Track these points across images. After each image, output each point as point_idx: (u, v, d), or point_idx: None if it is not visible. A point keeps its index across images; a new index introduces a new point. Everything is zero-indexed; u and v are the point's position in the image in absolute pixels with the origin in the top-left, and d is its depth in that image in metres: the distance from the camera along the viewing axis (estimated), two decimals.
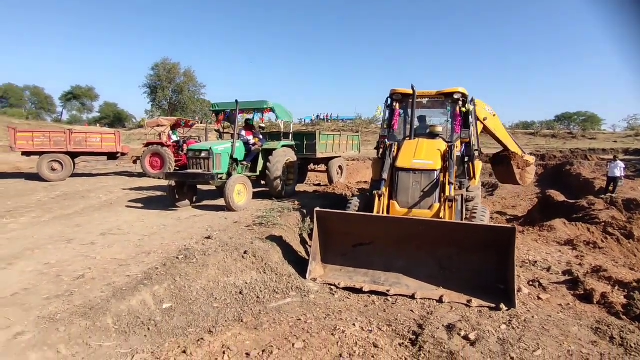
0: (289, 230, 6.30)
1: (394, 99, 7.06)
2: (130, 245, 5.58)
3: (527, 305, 4.27)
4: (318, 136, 11.30)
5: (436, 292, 4.52)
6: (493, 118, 8.69)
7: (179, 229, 6.46)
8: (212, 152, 7.93)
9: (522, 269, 5.44)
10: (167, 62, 56.66)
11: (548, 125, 45.50)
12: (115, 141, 14.07)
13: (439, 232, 4.85)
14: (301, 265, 5.23)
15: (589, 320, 3.91)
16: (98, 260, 4.94)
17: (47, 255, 5.14)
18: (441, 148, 6.10)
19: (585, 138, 36.83)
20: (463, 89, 6.69)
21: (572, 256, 6.21)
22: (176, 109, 56.30)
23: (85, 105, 71.22)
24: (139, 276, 4.29)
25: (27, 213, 7.84)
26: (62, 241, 5.83)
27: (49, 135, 13.19)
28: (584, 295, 4.55)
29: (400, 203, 5.62)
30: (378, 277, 4.92)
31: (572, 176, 19.21)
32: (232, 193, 7.65)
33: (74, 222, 7.09)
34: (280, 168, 8.93)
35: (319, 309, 4.12)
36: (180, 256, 4.81)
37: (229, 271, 4.68)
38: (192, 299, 4.10)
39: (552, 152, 26.57)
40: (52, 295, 3.87)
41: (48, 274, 4.44)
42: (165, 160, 13.93)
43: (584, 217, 9.57)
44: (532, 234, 7.69)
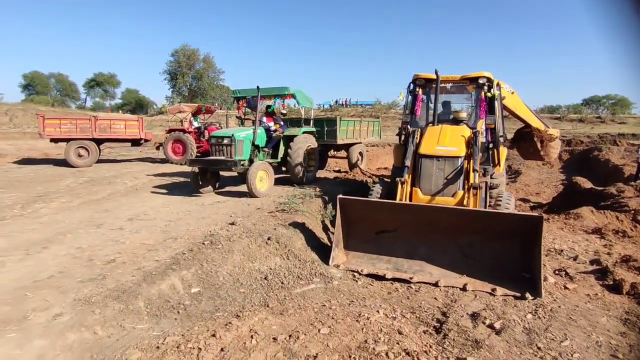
0: (310, 217, 6.34)
1: (417, 84, 6.93)
2: (157, 231, 5.73)
3: (553, 294, 4.21)
4: (339, 122, 11.24)
5: (460, 280, 4.50)
6: (512, 96, 8.42)
7: (204, 215, 6.59)
8: (234, 139, 8.00)
9: (548, 258, 5.35)
10: (187, 48, 56.93)
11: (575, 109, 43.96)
12: (139, 128, 14.32)
13: (463, 219, 4.80)
14: (324, 251, 5.28)
15: (618, 311, 3.84)
16: (127, 245, 5.11)
17: (78, 240, 5.34)
18: (465, 134, 5.99)
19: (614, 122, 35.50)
20: (488, 73, 6.51)
21: (600, 245, 6.07)
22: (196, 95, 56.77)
23: (107, 92, 72.58)
24: (167, 261, 4.42)
25: (57, 198, 8.13)
26: (92, 226, 6.04)
27: (76, 123, 13.55)
28: (612, 285, 4.44)
29: (423, 190, 5.58)
30: (401, 264, 4.93)
31: (600, 162, 18.59)
32: (254, 180, 7.73)
33: (102, 207, 7.32)
34: (302, 154, 8.94)
35: (342, 295, 4.17)
36: (206, 242, 4.92)
37: (254, 257, 4.77)
38: (219, 283, 4.20)
39: (578, 137, 25.73)
40: (86, 278, 4.03)
41: (80, 258, 4.62)
42: (187, 147, 14.14)
43: (613, 204, 9.28)
44: (558, 222, 7.53)
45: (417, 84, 6.92)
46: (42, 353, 2.85)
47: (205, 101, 52.37)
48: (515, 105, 8.87)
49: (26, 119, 32.46)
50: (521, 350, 3.09)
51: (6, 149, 19.03)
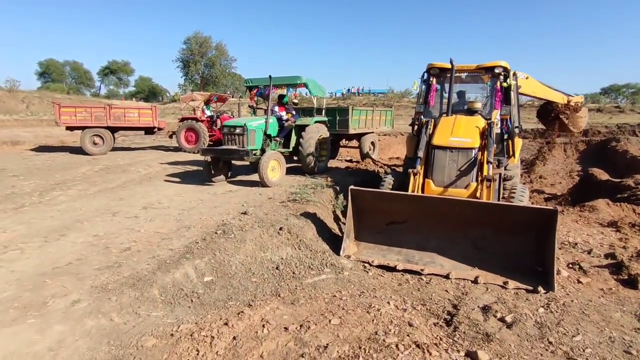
0: (322, 207, 6.36)
1: (431, 74, 6.82)
2: (171, 219, 5.82)
3: (566, 288, 4.17)
4: (351, 112, 11.17)
5: (471, 273, 4.49)
6: (527, 81, 8.24)
7: (216, 204, 6.66)
8: (246, 128, 8.03)
9: (561, 251, 5.29)
10: (199, 36, 57.01)
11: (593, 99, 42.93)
12: (152, 116, 14.44)
13: (475, 212, 4.77)
14: (335, 242, 5.31)
15: (633, 306, 3.79)
16: (142, 233, 5.20)
17: (95, 227, 5.46)
18: (480, 125, 5.90)
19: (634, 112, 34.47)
20: (505, 63, 6.37)
21: (616, 238, 5.97)
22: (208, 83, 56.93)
23: (121, 80, 73.30)
24: (181, 250, 4.49)
25: (74, 186, 8.29)
26: (107, 214, 6.16)
27: (90, 111, 13.71)
28: (627, 280, 4.38)
29: (436, 182, 5.53)
30: (412, 255, 4.93)
31: (618, 153, 18.15)
32: (266, 169, 7.77)
33: (118, 196, 7.45)
34: (313, 144, 8.94)
35: (353, 286, 4.19)
36: (218, 231, 4.99)
37: (266, 247, 4.82)
38: (232, 273, 4.27)
39: (596, 127, 25.11)
40: (103, 266, 4.13)
41: (97, 246, 4.73)
42: (199, 135, 14.24)
43: (630, 197, 9.09)
44: (572, 214, 7.42)
45: (432, 73, 6.81)
46: (62, 338, 2.95)
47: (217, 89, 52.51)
48: (533, 89, 8.69)
49: (42, 107, 32.98)
50: (532, 344, 3.09)
51: (24, 136, 19.40)
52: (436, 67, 6.71)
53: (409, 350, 2.88)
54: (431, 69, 6.77)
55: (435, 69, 6.74)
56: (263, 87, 9.28)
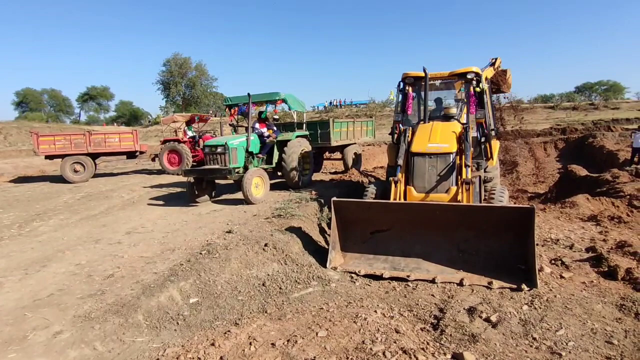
0: (307, 221, 6.38)
1: (407, 83, 6.97)
2: (155, 243, 5.76)
3: (549, 284, 4.25)
4: (332, 124, 11.28)
5: (456, 276, 4.53)
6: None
7: (200, 225, 6.62)
8: (227, 147, 8.04)
9: (544, 248, 5.40)
10: (178, 57, 56.97)
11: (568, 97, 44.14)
12: (133, 140, 14.33)
13: (456, 215, 4.85)
14: (321, 254, 5.31)
15: (613, 297, 3.88)
16: (126, 258, 5.13)
17: (77, 256, 5.36)
18: (456, 130, 6.03)
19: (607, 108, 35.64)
20: (476, 68, 6.55)
21: (596, 232, 6.12)
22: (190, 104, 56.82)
23: (101, 105, 72.70)
24: (166, 273, 4.45)
25: (55, 215, 8.15)
26: (90, 241, 6.07)
27: (70, 138, 13.53)
28: (607, 271, 4.49)
29: (417, 188, 5.61)
30: (398, 262, 4.97)
31: (595, 149, 18.68)
32: (249, 186, 7.77)
33: (100, 222, 7.35)
34: (296, 159, 8.98)
35: (340, 297, 4.20)
36: (203, 251, 4.95)
37: (251, 264, 4.80)
38: (217, 292, 4.23)
39: (573, 125, 25.82)
40: (86, 294, 4.06)
41: (80, 274, 4.65)
42: (182, 157, 14.16)
43: (608, 190, 9.34)
44: (554, 211, 7.58)
45: (407, 82, 6.96)
46: None
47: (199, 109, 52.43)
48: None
49: (21, 137, 32.43)
50: (517, 341, 3.13)
51: (3, 167, 19.03)
52: (411, 76, 6.86)
53: (396, 356, 2.89)
54: (406, 78, 6.91)
55: (410, 78, 6.89)
56: (243, 105, 9.33)
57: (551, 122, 30.09)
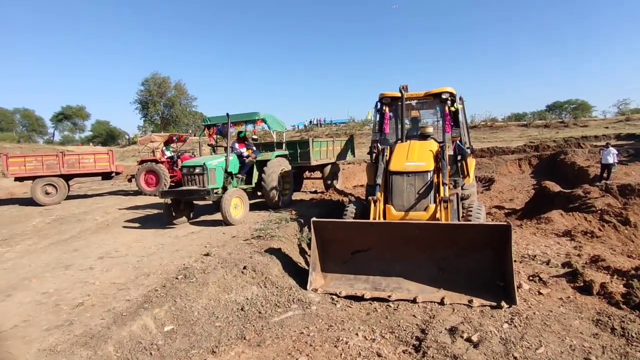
0: (287, 242, 6.29)
1: (384, 103, 7.08)
2: (129, 268, 5.55)
3: (528, 301, 4.27)
4: (311, 144, 11.32)
5: (437, 294, 4.52)
6: None
7: (177, 248, 6.44)
8: (206, 168, 7.93)
9: (522, 264, 5.46)
10: (157, 77, 56.73)
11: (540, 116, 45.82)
12: (109, 160, 14.01)
13: (435, 234, 4.87)
14: (301, 276, 5.22)
15: (590, 313, 3.93)
16: (97, 285, 4.92)
17: (45, 284, 5.11)
18: (433, 149, 6.13)
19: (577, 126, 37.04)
20: (451, 89, 6.72)
21: (571, 247, 6.24)
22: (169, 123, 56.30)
23: (77, 125, 71.11)
24: (139, 300, 4.27)
25: (23, 240, 7.81)
26: (59, 268, 5.81)
27: (41, 159, 13.12)
28: (583, 287, 4.56)
29: (396, 207, 5.63)
30: (379, 282, 4.92)
31: (567, 165, 19.31)
32: (228, 207, 7.64)
33: (71, 247, 7.06)
34: (276, 178, 8.93)
35: (321, 320, 4.11)
36: (179, 276, 4.80)
37: (230, 288, 4.67)
38: (194, 319, 4.08)
39: (545, 142, 26.68)
40: (52, 325, 3.84)
41: (47, 304, 4.42)
42: (160, 177, 13.91)
43: (581, 206, 9.62)
44: (530, 227, 7.72)
45: (384, 102, 7.07)
46: None
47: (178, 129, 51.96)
48: None
49: None
50: None
51: None
52: (388, 96, 6.98)
53: None
54: (383, 99, 7.03)
55: (387, 98, 7.00)
56: (221, 125, 9.27)
57: (525, 140, 31.03)
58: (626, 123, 34.81)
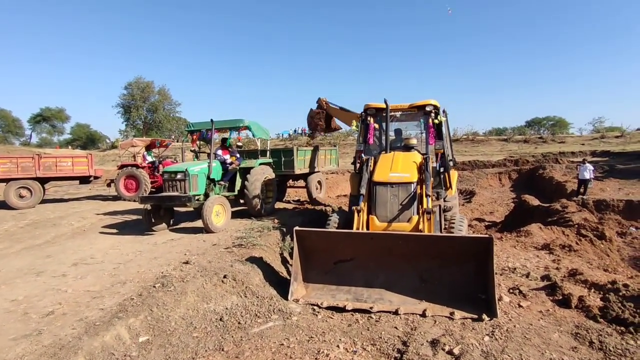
0: (269, 250, 6.21)
1: (368, 114, 7.12)
2: (105, 275, 5.37)
3: (508, 314, 4.30)
4: (295, 152, 11.27)
5: (419, 306, 4.50)
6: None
7: (156, 255, 6.28)
8: (188, 174, 7.80)
9: (502, 277, 5.50)
10: (141, 81, 55.85)
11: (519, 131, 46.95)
12: (88, 164, 13.65)
13: (418, 245, 4.87)
14: (283, 286, 5.14)
15: (569, 326, 3.97)
16: (69, 293, 4.74)
17: (14, 291, 4.90)
18: (417, 160, 6.17)
19: (555, 142, 38.11)
20: (435, 101, 6.81)
21: (550, 260, 6.33)
22: (151, 128, 55.42)
23: (55, 127, 69.31)
24: (114, 308, 4.12)
25: None
26: (31, 274, 5.58)
27: (16, 161, 12.70)
28: (562, 300, 4.61)
29: (380, 217, 5.63)
30: (361, 293, 4.88)
31: (545, 180, 19.76)
32: (210, 214, 7.51)
33: (45, 253, 6.81)
34: (259, 186, 8.84)
35: (302, 331, 4.03)
36: (157, 284, 4.66)
37: (209, 297, 4.55)
38: (171, 329, 3.96)
39: (525, 157, 27.32)
40: (20, 335, 3.67)
41: (15, 312, 4.23)
42: (140, 182, 13.61)
43: (559, 220, 9.83)
44: (510, 240, 7.82)
45: (368, 113, 7.11)
46: None
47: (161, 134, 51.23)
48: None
49: None
50: None
51: None
52: (372, 107, 7.02)
53: None
54: (368, 110, 7.07)
55: (371, 109, 7.04)
56: (205, 131, 9.16)
57: (505, 154, 31.73)
58: (601, 140, 36.00)
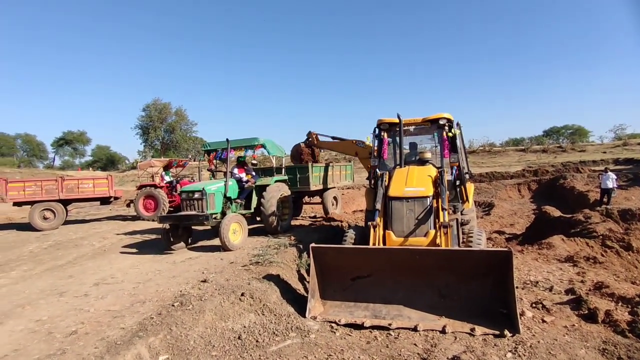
0: (286, 268, 6.21)
1: (382, 129, 7.14)
2: (125, 295, 5.45)
3: (531, 329, 4.18)
4: (311, 169, 11.34)
5: (439, 322, 4.42)
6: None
7: (175, 274, 6.35)
8: (205, 193, 7.92)
9: (524, 291, 5.38)
10: (158, 103, 57.55)
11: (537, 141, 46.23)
12: (108, 185, 13.99)
13: (436, 260, 4.80)
14: (300, 303, 5.13)
15: (595, 341, 3.84)
16: (91, 313, 4.82)
17: (38, 311, 5.00)
18: (432, 174, 6.13)
19: (574, 151, 37.36)
20: (448, 115, 6.80)
21: (574, 273, 6.16)
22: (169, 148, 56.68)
23: (77, 150, 71.66)
24: (134, 327, 4.17)
25: (18, 266, 7.70)
26: (54, 294, 5.70)
27: (41, 184, 13.13)
28: (588, 314, 4.47)
29: (396, 232, 5.58)
30: (379, 310, 4.83)
31: (566, 190, 19.31)
32: (227, 232, 7.58)
33: (67, 273, 6.96)
34: (275, 203, 8.90)
35: (320, 349, 4.00)
36: (175, 303, 4.71)
37: (227, 315, 4.57)
38: (189, 348, 3.97)
39: (544, 167, 26.81)
40: (44, 355, 3.73)
41: (39, 332, 4.31)
42: (159, 202, 13.87)
43: (582, 231, 9.56)
44: (532, 253, 7.64)
45: (382, 128, 7.13)
46: None
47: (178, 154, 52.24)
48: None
49: None
50: None
51: None
52: (385, 122, 7.05)
53: None
54: (381, 125, 7.09)
55: (384, 124, 7.07)
56: (221, 151, 9.32)
57: (523, 164, 31.21)
58: (624, 148, 35.10)
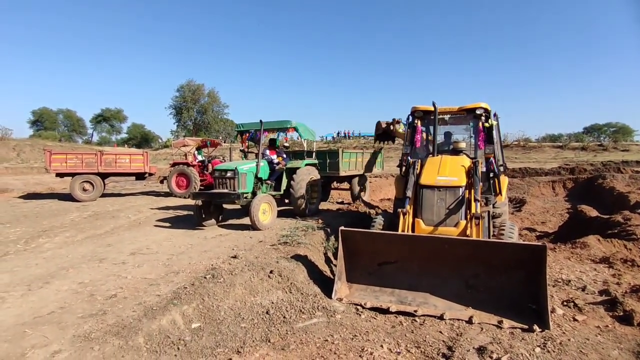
0: (313, 249, 6.30)
1: (415, 116, 7.05)
2: (159, 265, 5.71)
3: (562, 327, 4.10)
4: (341, 154, 11.34)
5: (465, 313, 4.41)
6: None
7: (206, 249, 6.57)
8: (237, 172, 8.09)
9: (555, 289, 5.25)
10: (192, 84, 58.55)
11: (576, 138, 44.25)
12: (144, 162, 14.51)
13: (466, 250, 4.75)
14: (326, 284, 5.21)
15: (630, 344, 3.73)
16: (129, 279, 5.08)
17: (81, 275, 5.32)
18: (465, 164, 6.03)
19: (617, 150, 35.58)
20: (485, 104, 6.62)
21: (609, 275, 5.96)
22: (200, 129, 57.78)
23: (114, 127, 74.21)
24: (169, 295, 4.38)
25: (62, 233, 8.16)
26: (94, 260, 6.03)
27: (81, 157, 13.76)
28: (623, 316, 4.33)
29: (426, 221, 5.55)
30: (404, 296, 4.85)
31: (605, 190, 18.45)
32: (257, 212, 7.75)
33: (106, 242, 7.33)
34: (304, 187, 8.99)
35: (345, 329, 4.08)
36: (207, 276, 4.89)
37: (256, 291, 4.72)
38: (220, 318, 4.14)
39: (582, 165, 25.72)
40: (87, 314, 3.99)
41: (82, 293, 4.60)
42: (190, 180, 14.26)
43: (620, 233, 9.16)
44: (564, 251, 7.42)
45: (416, 115, 7.04)
46: None
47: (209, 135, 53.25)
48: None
49: (33, 154, 33.05)
50: None
51: (13, 184, 19.27)
52: (420, 110, 6.94)
53: None
54: (415, 112, 7.00)
55: (419, 112, 6.97)
56: (254, 132, 9.46)
57: (559, 162, 30.05)
58: None
